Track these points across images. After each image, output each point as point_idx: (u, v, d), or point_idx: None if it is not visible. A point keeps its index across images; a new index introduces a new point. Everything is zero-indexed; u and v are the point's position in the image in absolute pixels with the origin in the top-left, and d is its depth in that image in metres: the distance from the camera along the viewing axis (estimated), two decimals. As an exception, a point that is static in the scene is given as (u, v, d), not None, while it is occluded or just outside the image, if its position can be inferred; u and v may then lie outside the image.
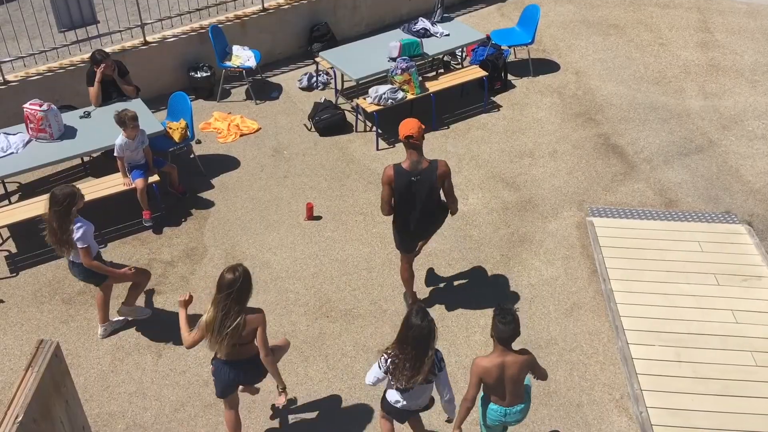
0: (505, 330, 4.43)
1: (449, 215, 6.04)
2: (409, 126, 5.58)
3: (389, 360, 4.44)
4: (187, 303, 4.89)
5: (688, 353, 5.89)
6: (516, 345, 4.60)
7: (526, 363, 4.58)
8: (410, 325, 4.33)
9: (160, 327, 6.27)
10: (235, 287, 4.48)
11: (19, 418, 3.08)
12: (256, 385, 5.43)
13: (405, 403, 4.65)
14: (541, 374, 4.75)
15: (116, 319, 6.28)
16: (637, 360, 5.84)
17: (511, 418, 4.77)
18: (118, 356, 6.08)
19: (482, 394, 4.79)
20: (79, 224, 5.47)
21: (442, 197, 5.88)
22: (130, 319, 6.32)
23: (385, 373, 4.50)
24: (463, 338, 6.20)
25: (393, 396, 4.69)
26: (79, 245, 5.49)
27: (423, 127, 5.67)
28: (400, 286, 6.58)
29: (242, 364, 4.81)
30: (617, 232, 7.12)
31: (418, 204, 5.73)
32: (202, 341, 4.74)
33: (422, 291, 6.63)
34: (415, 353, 4.34)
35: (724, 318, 6.19)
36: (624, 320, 6.18)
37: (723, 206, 7.54)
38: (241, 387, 5.18)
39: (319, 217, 7.44)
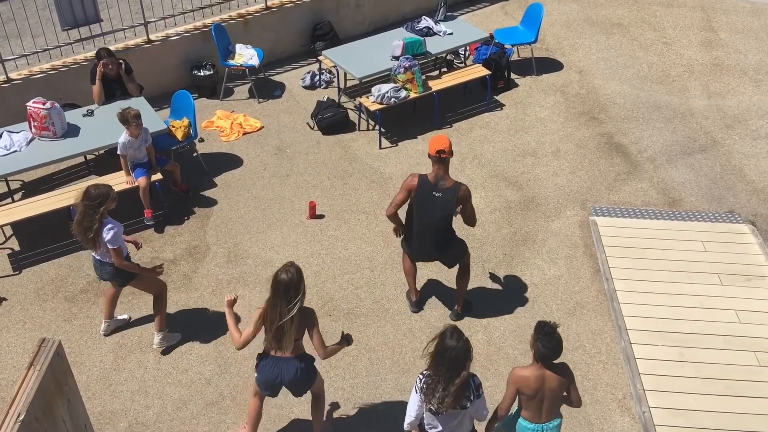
0: (547, 353, 4.37)
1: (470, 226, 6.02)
2: (441, 141, 5.63)
3: (423, 380, 4.29)
4: (232, 303, 4.92)
5: (691, 353, 5.88)
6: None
7: (565, 378, 4.48)
8: (446, 347, 4.18)
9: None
10: (291, 287, 4.54)
11: (21, 417, 3.08)
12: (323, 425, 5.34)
13: (440, 428, 4.42)
14: (576, 398, 4.58)
15: (120, 317, 6.29)
16: (640, 360, 5.83)
17: None
18: (120, 354, 6.09)
19: (513, 411, 4.65)
20: (109, 225, 5.42)
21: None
22: (130, 320, 6.35)
23: (422, 395, 4.30)
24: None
25: (427, 419, 4.43)
26: (111, 247, 5.44)
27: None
28: (403, 285, 6.58)
29: (288, 361, 4.79)
30: (620, 232, 7.11)
31: (430, 220, 5.71)
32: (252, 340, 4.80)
33: (425, 289, 6.62)
34: (449, 375, 4.18)
35: (727, 318, 6.17)
36: (627, 320, 6.17)
37: (726, 206, 7.52)
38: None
39: (321, 216, 7.44)
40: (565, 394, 4.59)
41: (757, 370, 5.75)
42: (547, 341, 4.36)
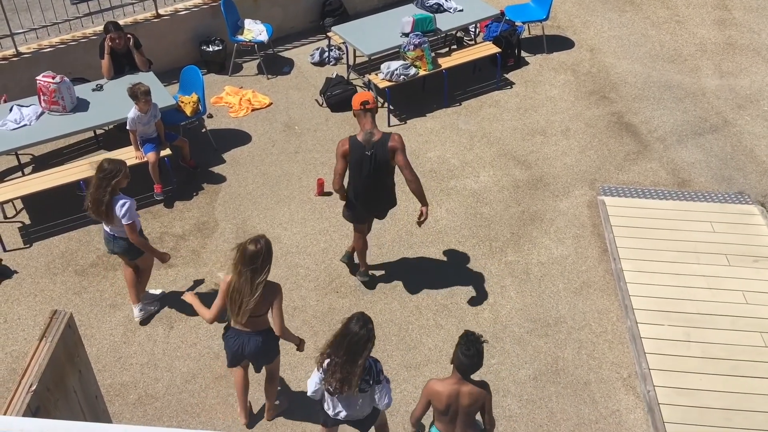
0: (465, 363, 4.21)
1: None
2: (364, 94, 5.70)
3: (326, 361, 4.32)
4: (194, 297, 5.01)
5: (697, 333, 5.89)
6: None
7: (480, 396, 4.32)
8: (348, 331, 4.24)
9: (172, 299, 6.32)
10: (259, 259, 4.55)
11: (33, 387, 3.13)
12: (275, 402, 5.46)
13: (345, 413, 4.50)
14: (490, 419, 4.41)
15: (153, 292, 6.31)
16: (645, 339, 5.85)
17: None
18: (130, 328, 6.15)
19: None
20: (122, 200, 5.45)
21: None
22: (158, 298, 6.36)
23: (323, 374, 4.35)
24: (472, 315, 6.23)
25: (331, 406, 4.52)
26: (125, 222, 5.46)
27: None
28: (410, 265, 6.60)
29: (251, 336, 4.87)
30: (629, 212, 7.09)
31: (369, 176, 5.74)
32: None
33: (429, 267, 6.64)
34: (346, 358, 4.24)
35: (734, 299, 6.18)
36: (634, 299, 6.18)
37: (736, 187, 7.48)
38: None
39: (329, 193, 7.45)
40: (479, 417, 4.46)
41: (763, 350, 5.76)
42: (466, 349, 4.18)
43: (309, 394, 4.52)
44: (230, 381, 5.70)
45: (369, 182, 5.78)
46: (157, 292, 6.36)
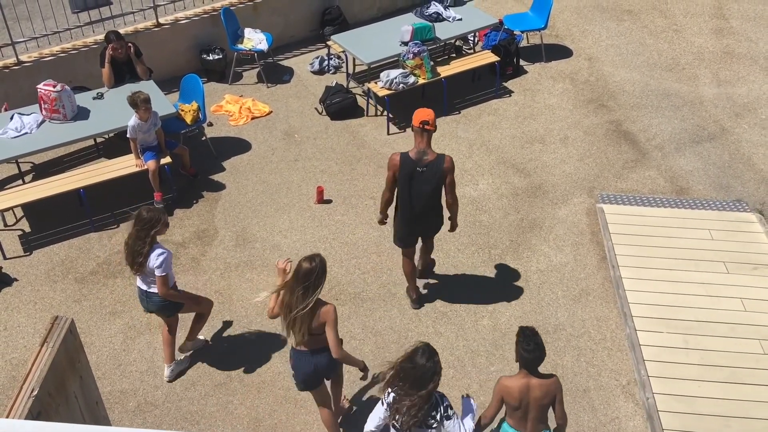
0: (529, 358, 4.30)
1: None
2: (425, 113, 5.58)
3: (391, 395, 4.13)
4: (284, 272, 4.82)
5: (696, 340, 5.90)
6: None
7: (551, 387, 4.39)
8: (413, 363, 4.03)
9: (172, 307, 6.32)
10: (312, 276, 4.52)
11: (35, 392, 3.14)
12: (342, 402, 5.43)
13: None
14: (561, 411, 4.47)
15: (181, 357, 5.92)
16: (644, 346, 5.86)
17: None
18: (129, 335, 6.16)
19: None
20: (160, 251, 5.18)
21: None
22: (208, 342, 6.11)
23: (387, 409, 4.15)
24: (471, 323, 6.24)
25: None
26: (158, 273, 5.18)
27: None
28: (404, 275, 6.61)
29: (316, 353, 4.77)
30: (627, 219, 7.12)
31: (419, 195, 5.68)
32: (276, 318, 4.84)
33: (431, 275, 6.65)
34: (412, 393, 4.05)
35: (733, 306, 6.19)
36: (632, 307, 6.20)
37: (734, 194, 7.51)
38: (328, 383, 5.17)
39: (329, 201, 7.47)
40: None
41: (762, 358, 5.77)
42: (526, 344, 4.28)
43: (370, 429, 4.24)
44: (230, 389, 5.71)
45: (416, 200, 5.70)
46: (186, 356, 5.97)
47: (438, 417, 4.14)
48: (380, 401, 4.20)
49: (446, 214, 5.96)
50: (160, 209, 5.32)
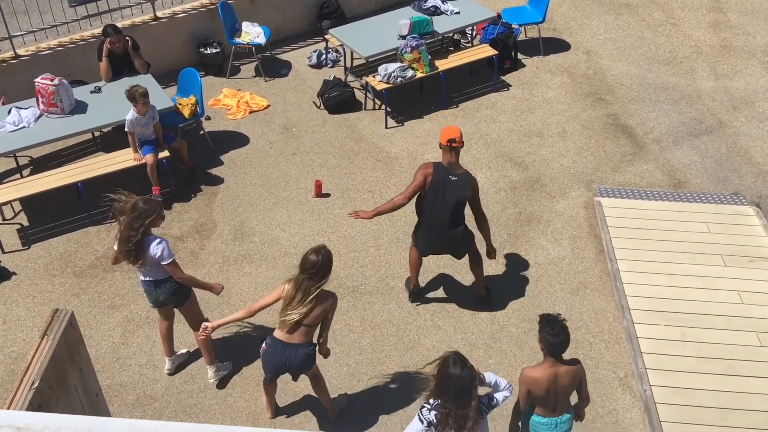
0: (555, 342, 4.25)
1: (484, 257, 6.08)
2: (452, 131, 5.69)
3: (432, 411, 3.99)
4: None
5: (693, 333, 5.93)
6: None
7: (578, 372, 4.42)
8: (449, 376, 3.91)
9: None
10: (315, 268, 4.68)
11: (35, 384, 3.16)
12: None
13: None
14: (586, 393, 4.55)
15: (181, 352, 5.92)
16: (642, 339, 5.89)
17: (561, 428, 4.53)
18: (128, 329, 6.17)
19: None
20: (157, 240, 5.14)
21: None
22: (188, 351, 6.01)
23: (428, 426, 4.01)
24: (470, 316, 6.26)
25: None
26: (166, 262, 5.14)
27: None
28: (408, 264, 6.62)
29: (298, 348, 4.88)
30: (625, 213, 7.14)
31: (447, 205, 5.65)
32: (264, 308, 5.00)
33: (428, 268, 6.67)
34: (457, 404, 3.92)
35: (730, 299, 6.22)
36: (630, 300, 6.22)
37: (732, 188, 7.53)
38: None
39: (327, 195, 7.48)
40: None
41: (759, 350, 5.80)
42: (550, 328, 4.26)
43: None
44: (230, 382, 5.72)
45: (443, 210, 5.67)
46: (183, 352, 5.96)
47: (484, 416, 4.11)
48: (417, 418, 4.05)
49: (465, 236, 5.92)
50: (158, 202, 5.29)
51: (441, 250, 6.10)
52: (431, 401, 4.02)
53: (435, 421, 3.96)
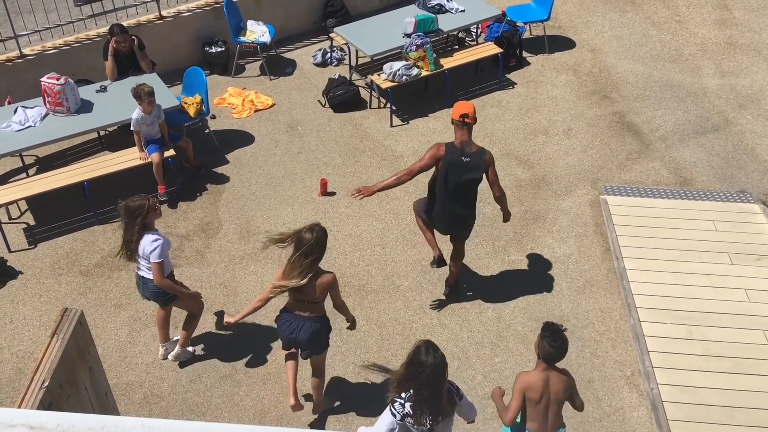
0: (553, 353, 4.37)
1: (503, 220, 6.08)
2: (465, 106, 5.61)
3: (406, 404, 3.99)
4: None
5: (700, 331, 5.92)
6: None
7: (569, 380, 4.49)
8: (422, 364, 3.91)
9: (177, 299, 6.34)
10: (308, 245, 4.75)
11: (46, 383, 3.16)
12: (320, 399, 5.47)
13: None
14: (579, 403, 4.59)
15: (177, 338, 5.93)
16: (648, 337, 5.88)
17: None
18: (135, 327, 6.18)
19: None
20: (155, 237, 5.18)
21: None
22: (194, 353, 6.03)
23: (402, 419, 4.01)
24: (476, 314, 6.25)
25: None
26: (153, 259, 5.15)
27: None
28: (414, 262, 6.62)
29: (305, 321, 4.99)
30: (631, 211, 7.12)
31: (459, 186, 5.62)
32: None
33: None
34: (430, 393, 3.95)
35: (736, 297, 6.20)
36: (636, 298, 6.21)
37: (738, 185, 7.51)
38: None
39: (333, 193, 7.48)
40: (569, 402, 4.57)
41: (766, 348, 5.78)
42: (552, 339, 4.34)
43: None
44: (236, 380, 5.74)
45: (456, 191, 5.65)
46: (189, 349, 5.96)
47: (455, 400, 4.15)
48: (389, 411, 4.04)
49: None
50: (144, 196, 5.29)
51: (448, 229, 6.04)
52: (403, 395, 4.02)
53: (411, 412, 3.98)
